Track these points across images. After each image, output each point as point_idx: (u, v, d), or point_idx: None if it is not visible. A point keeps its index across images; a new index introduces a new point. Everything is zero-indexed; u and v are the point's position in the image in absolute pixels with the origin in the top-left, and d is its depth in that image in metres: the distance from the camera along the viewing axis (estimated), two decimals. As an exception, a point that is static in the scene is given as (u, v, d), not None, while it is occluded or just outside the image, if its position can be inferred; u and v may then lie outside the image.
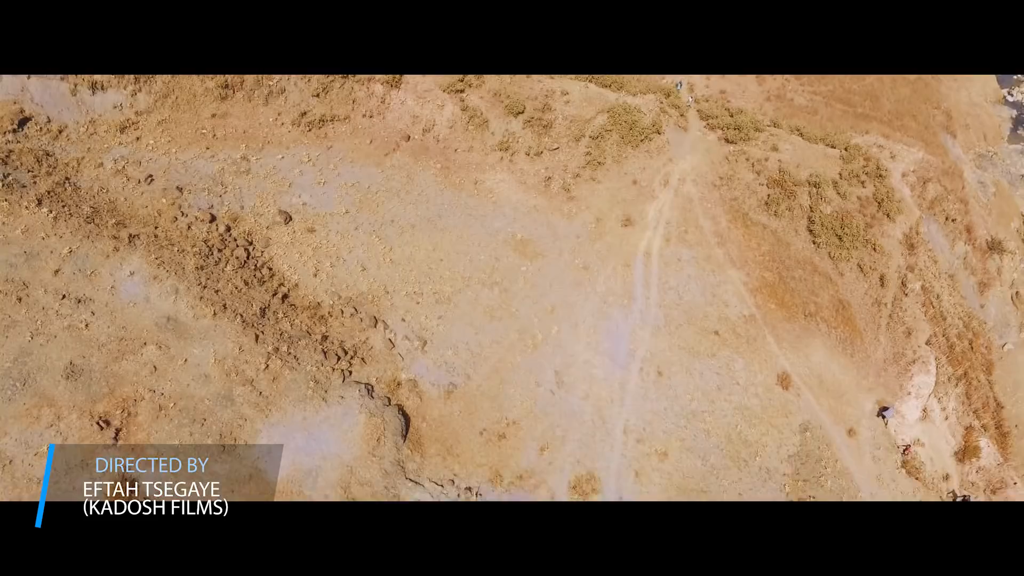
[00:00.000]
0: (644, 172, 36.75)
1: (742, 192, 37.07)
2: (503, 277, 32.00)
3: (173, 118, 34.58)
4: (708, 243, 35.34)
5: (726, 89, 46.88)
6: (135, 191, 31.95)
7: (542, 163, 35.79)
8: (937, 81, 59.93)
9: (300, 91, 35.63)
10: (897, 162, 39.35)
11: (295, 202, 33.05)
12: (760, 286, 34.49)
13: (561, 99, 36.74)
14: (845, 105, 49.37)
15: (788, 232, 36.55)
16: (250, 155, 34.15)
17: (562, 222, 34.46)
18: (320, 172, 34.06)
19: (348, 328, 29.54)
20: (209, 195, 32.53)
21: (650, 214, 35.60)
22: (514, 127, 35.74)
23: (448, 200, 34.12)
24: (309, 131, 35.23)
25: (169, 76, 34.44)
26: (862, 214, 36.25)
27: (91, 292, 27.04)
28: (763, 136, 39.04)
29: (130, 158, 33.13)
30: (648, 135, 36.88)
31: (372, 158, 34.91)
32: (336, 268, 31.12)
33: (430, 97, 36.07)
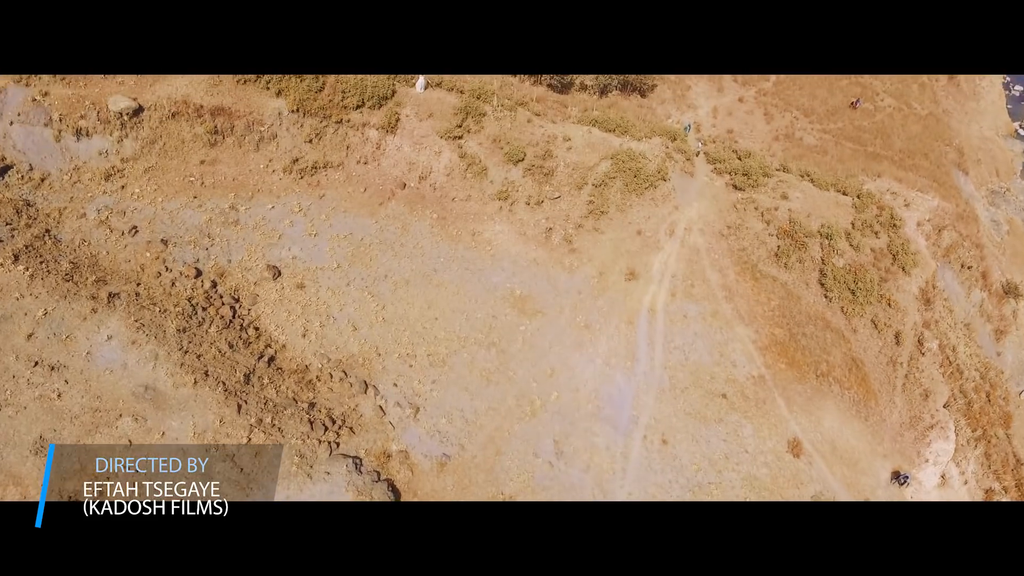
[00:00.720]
0: (649, 221, 35.35)
1: (751, 242, 35.62)
2: (501, 337, 30.56)
3: (160, 165, 33.34)
4: (715, 297, 33.88)
5: (733, 128, 45.52)
6: (118, 244, 30.66)
7: (543, 212, 34.41)
8: (947, 115, 58.57)
9: (292, 136, 34.38)
10: (912, 210, 37.91)
11: (285, 255, 31.70)
12: (770, 344, 32.99)
13: (563, 145, 35.41)
14: (855, 144, 47.91)
15: (799, 285, 35.08)
16: (239, 204, 32.85)
17: (563, 276, 33.03)
18: (311, 223, 32.73)
19: (337, 394, 28.09)
20: (195, 248, 31.21)
21: (655, 266, 34.16)
22: (514, 175, 34.39)
23: (444, 253, 32.74)
24: (301, 178, 33.93)
25: (157, 122, 33.25)
26: (876, 267, 34.78)
27: (65, 358, 25.69)
28: (772, 182, 37.62)
29: (114, 208, 31.86)
30: (653, 182, 35.48)
31: (366, 207, 33.57)
32: (326, 328, 29.71)
33: (427, 143, 34.77)
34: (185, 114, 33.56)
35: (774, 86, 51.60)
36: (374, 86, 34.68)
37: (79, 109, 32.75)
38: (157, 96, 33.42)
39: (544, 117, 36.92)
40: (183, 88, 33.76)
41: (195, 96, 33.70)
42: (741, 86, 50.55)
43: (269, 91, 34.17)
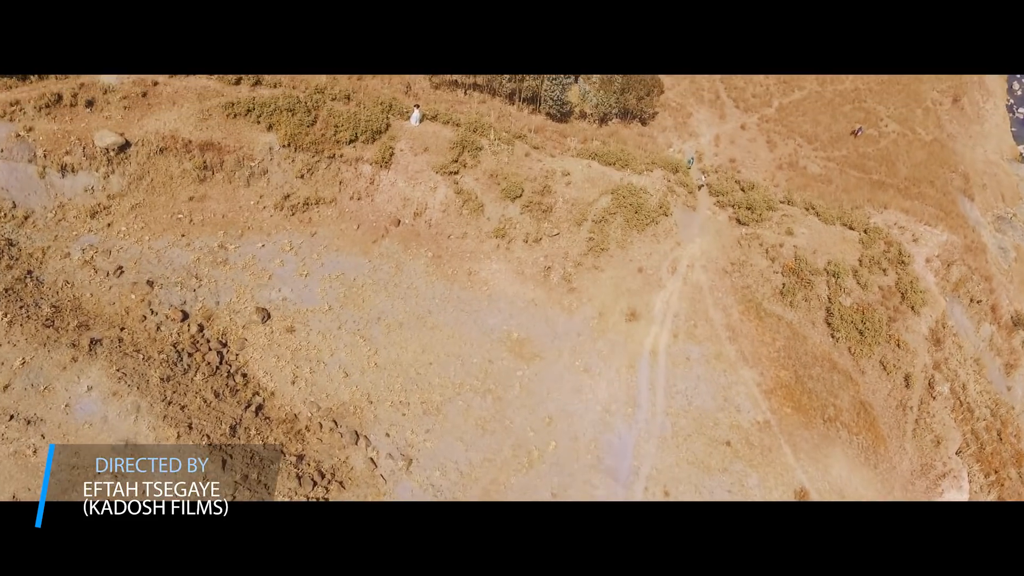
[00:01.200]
0: (650, 258, 34.38)
1: (755, 280, 34.65)
2: (497, 383, 29.52)
3: (148, 202, 32.39)
4: (719, 338, 32.85)
5: (736, 157, 44.68)
6: (102, 285, 29.64)
7: (541, 250, 33.44)
8: (952, 139, 57.82)
9: (283, 172, 33.47)
10: (920, 246, 36.95)
11: (275, 297, 30.70)
12: (775, 387, 31.94)
13: (562, 180, 34.49)
14: (860, 172, 47.10)
15: (805, 324, 34.07)
16: (228, 243, 31.88)
17: (562, 317, 32.03)
18: (303, 262, 31.75)
19: (327, 445, 27.01)
20: (182, 289, 30.20)
21: (657, 306, 33.16)
22: (511, 211, 33.44)
23: (439, 293, 31.75)
24: (292, 215, 32.99)
25: (145, 158, 32.36)
26: (884, 306, 33.78)
27: (43, 411, 24.64)
28: (776, 216, 36.70)
29: (100, 247, 30.86)
30: (655, 217, 34.54)
31: (359, 245, 32.61)
32: (316, 374, 28.66)
33: (422, 178, 33.86)
34: (173, 149, 32.68)
35: (776, 112, 50.87)
36: (367, 120, 33.82)
37: (64, 144, 31.86)
38: (145, 131, 32.55)
39: (542, 150, 36.04)
40: (171, 122, 32.89)
41: (184, 131, 32.83)
42: (743, 112, 49.81)
43: (260, 125, 33.30)
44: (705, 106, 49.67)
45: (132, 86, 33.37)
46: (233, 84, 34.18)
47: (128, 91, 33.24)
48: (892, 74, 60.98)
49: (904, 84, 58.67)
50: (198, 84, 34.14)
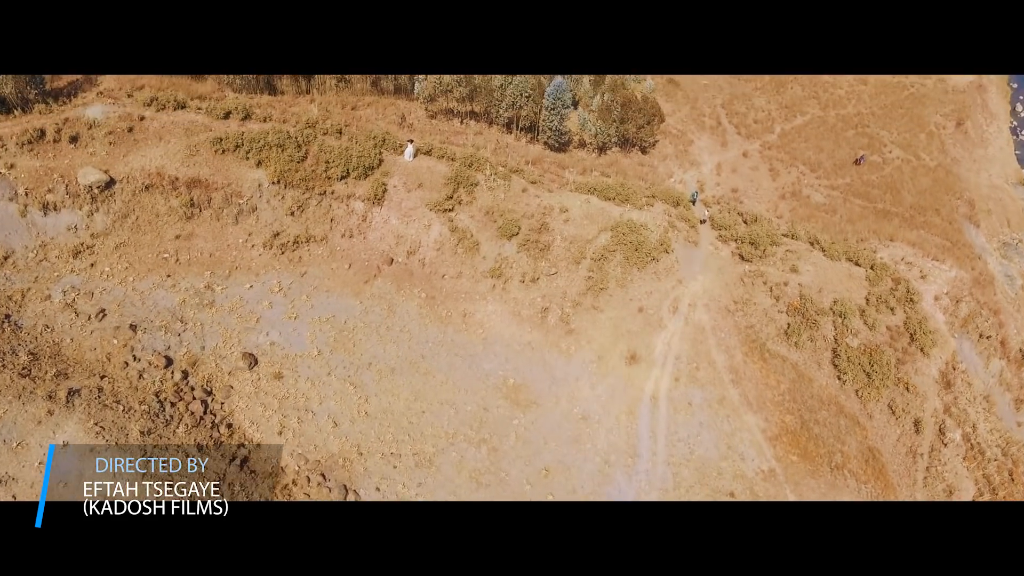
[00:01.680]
0: (651, 297, 33.34)
1: (759, 319, 33.60)
2: (492, 432, 28.42)
3: (133, 240, 31.43)
4: (722, 381, 31.77)
5: (738, 187, 43.71)
6: (84, 330, 28.60)
7: (538, 290, 32.41)
8: (956, 164, 56.86)
9: (273, 209, 32.50)
10: (929, 283, 35.93)
11: (262, 341, 29.63)
12: (780, 433, 30.84)
13: (560, 216, 33.51)
14: (864, 200, 46.11)
15: (810, 366, 33.00)
16: (215, 283, 30.86)
17: (560, 361, 30.95)
18: (292, 304, 30.72)
19: (314, 501, 25.83)
20: (166, 334, 29.15)
21: (658, 347, 32.10)
22: (508, 250, 32.45)
23: (433, 336, 30.69)
24: (282, 253, 32.00)
25: (130, 195, 31.46)
26: (893, 348, 32.72)
27: (15, 469, 23.61)
28: (780, 251, 35.68)
29: (82, 288, 29.87)
30: (655, 255, 33.52)
31: (350, 286, 31.58)
32: (304, 424, 27.57)
33: (416, 215, 32.88)
34: (160, 186, 31.77)
35: (779, 138, 49.98)
36: (360, 155, 32.89)
37: (47, 182, 30.96)
38: (130, 167, 31.64)
39: (540, 185, 35.08)
40: (158, 159, 31.97)
41: (170, 167, 31.91)
42: (745, 139, 48.92)
43: (249, 161, 32.37)
44: (706, 133, 48.78)
45: (118, 121, 32.49)
46: (221, 118, 33.28)
47: (114, 126, 32.36)
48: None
49: (907, 108, 57.85)
50: (185, 119, 33.24)
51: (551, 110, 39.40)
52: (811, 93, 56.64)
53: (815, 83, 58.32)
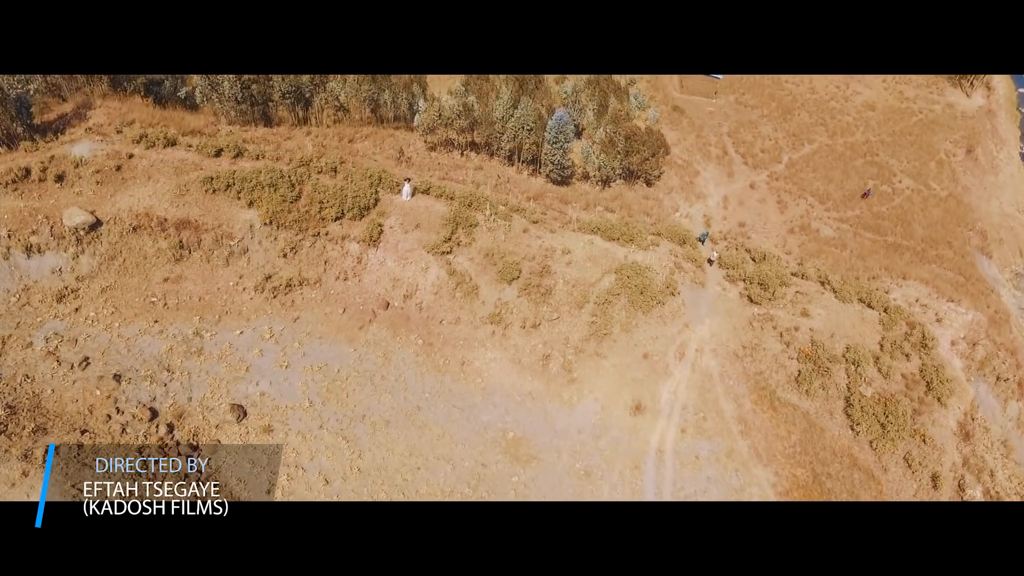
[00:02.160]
0: (657, 342, 32.11)
1: (769, 365, 32.34)
2: (490, 490, 27.12)
3: (119, 284, 30.28)
4: (730, 432, 30.47)
5: (746, 221, 42.56)
6: (65, 380, 27.40)
7: (539, 336, 31.19)
8: (967, 192, 55.77)
9: (265, 251, 31.37)
10: (944, 327, 34.68)
11: (252, 391, 28.41)
12: (791, 488, 29.50)
13: (562, 259, 32.35)
14: (875, 233, 44.96)
15: (822, 415, 31.70)
16: (204, 329, 29.68)
17: (561, 412, 29.69)
18: (283, 351, 29.51)
19: (302, 568, 24.49)
20: (152, 384, 27.94)
21: (663, 396, 30.84)
22: (508, 295, 31.26)
23: (430, 386, 29.46)
24: (274, 297, 30.83)
25: (117, 237, 30.34)
26: (908, 397, 31.45)
27: (-13, 538, 22.18)
28: (790, 293, 34.47)
29: (65, 335, 28.68)
30: (661, 298, 32.30)
31: (344, 332, 30.38)
32: (294, 482, 26.28)
33: (413, 257, 31.74)
34: (148, 227, 30.68)
35: (786, 169, 48.90)
36: (355, 195, 31.79)
37: (31, 223, 29.88)
38: (117, 208, 30.56)
39: (542, 224, 33.96)
40: (146, 199, 30.91)
41: (159, 207, 30.83)
42: (752, 169, 47.83)
43: (240, 201, 31.30)
44: (712, 163, 47.70)
45: (106, 159, 31.45)
46: (212, 156, 32.23)
47: (101, 164, 31.32)
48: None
49: (916, 135, 56.78)
50: (175, 156, 32.21)
51: (553, 143, 38.35)
52: (818, 120, 55.63)
53: (822, 109, 57.33)
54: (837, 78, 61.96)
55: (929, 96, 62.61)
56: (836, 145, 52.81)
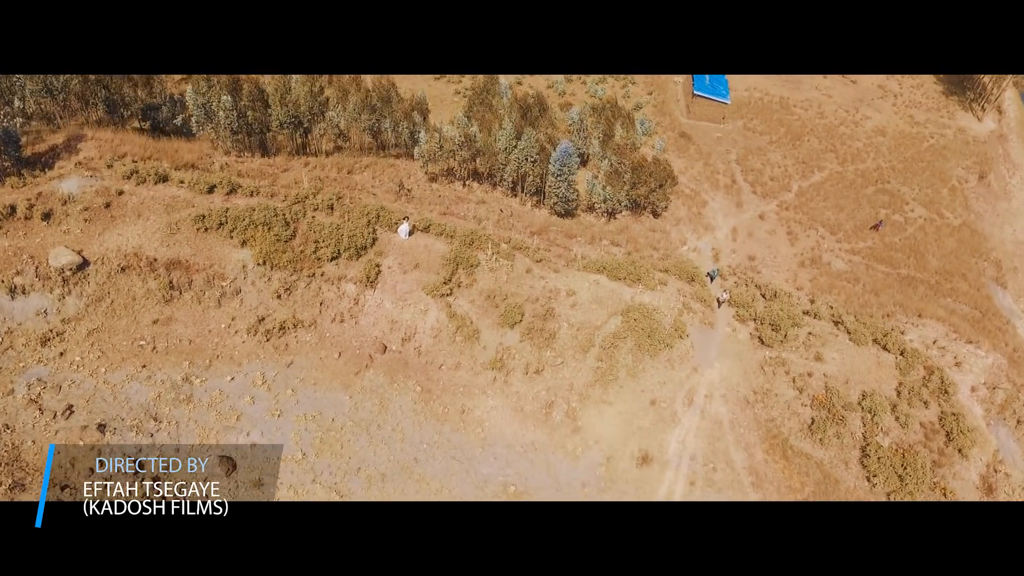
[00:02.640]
0: (664, 388, 30.85)
1: (781, 412, 31.05)
2: (491, 551, 25.71)
3: (107, 326, 29.15)
4: (741, 484, 29.15)
5: (755, 254, 41.33)
6: (48, 430, 26.24)
7: (543, 382, 29.96)
8: (980, 219, 54.52)
9: (258, 292, 30.25)
10: (964, 372, 33.36)
11: (242, 442, 27.21)
12: (807, 544, 28.00)
13: (566, 301, 31.16)
14: (887, 266, 43.69)
15: (837, 465, 30.37)
16: (194, 375, 28.53)
17: (565, 464, 28.42)
18: (276, 399, 28.34)
19: (291, 637, 23.19)
20: (138, 434, 26.75)
21: (671, 446, 29.55)
22: (510, 339, 30.07)
23: (428, 436, 28.23)
24: (267, 341, 29.67)
25: (104, 277, 29.28)
26: (927, 448, 30.09)
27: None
28: (803, 335, 33.19)
29: (49, 381, 27.55)
30: (669, 341, 31.05)
31: (339, 378, 29.20)
32: (284, 542, 24.92)
33: (411, 299, 30.59)
34: (137, 268, 29.62)
35: (796, 198, 47.73)
36: (352, 234, 30.69)
37: (15, 263, 28.83)
38: (105, 248, 29.50)
39: (546, 263, 32.78)
40: (135, 238, 29.85)
41: (149, 247, 29.77)
42: (761, 199, 46.68)
43: (233, 240, 30.24)
44: (720, 192, 46.55)
45: (95, 196, 30.43)
46: (205, 193, 31.16)
47: (90, 202, 30.30)
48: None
49: (928, 162, 55.60)
50: (167, 193, 31.17)
51: (557, 176, 37.25)
52: (828, 146, 54.51)
53: (832, 134, 56.23)
54: (847, 102, 60.92)
55: (940, 120, 61.48)
56: (846, 172, 51.65)
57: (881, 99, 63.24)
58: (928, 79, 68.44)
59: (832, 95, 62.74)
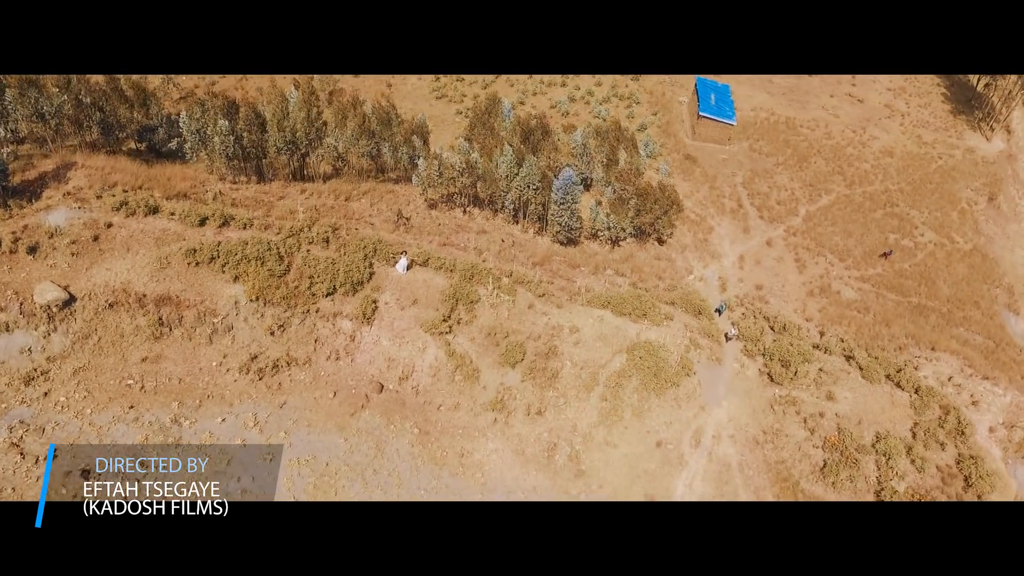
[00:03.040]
0: (671, 428, 29.78)
1: (791, 454, 29.94)
2: (491, 606, 24.56)
3: (94, 364, 28.12)
4: (752, 531, 27.89)
5: (763, 283, 40.29)
6: (27, 478, 25.21)
7: (545, 424, 28.90)
8: (990, 242, 53.50)
9: (251, 328, 29.22)
10: (981, 411, 32.25)
11: (232, 489, 25.88)
12: (820, 596, 26.81)
13: (570, 338, 30.12)
14: (898, 294, 42.65)
15: (851, 510, 29.11)
16: (183, 416, 27.48)
17: (568, 511, 27.20)
18: (268, 441, 27.26)
19: None
20: (123, 481, 25.51)
21: (678, 490, 28.47)
22: (511, 379, 29.02)
23: (425, 482, 27.15)
24: (260, 379, 28.65)
25: (92, 314, 28.26)
26: (945, 493, 28.93)
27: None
28: (813, 371, 32.11)
29: (32, 423, 26.52)
30: (675, 380, 29.98)
31: (334, 419, 28.14)
32: (274, 596, 23.78)
33: (409, 336, 29.56)
34: (125, 304, 28.61)
35: (803, 222, 46.72)
36: (348, 268, 29.67)
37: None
38: (92, 284, 28.52)
39: (548, 298, 31.73)
40: (124, 272, 28.86)
41: (137, 282, 28.78)
42: (768, 223, 45.70)
43: (225, 275, 29.25)
44: (727, 217, 45.56)
45: (82, 229, 29.47)
46: (196, 226, 30.18)
47: (77, 235, 29.34)
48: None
49: (936, 184, 54.65)
50: (157, 226, 30.21)
51: (560, 204, 36.27)
52: (835, 168, 53.55)
53: (839, 156, 55.30)
54: (853, 122, 60.01)
55: (948, 140, 60.56)
56: (854, 195, 50.68)
57: (888, 119, 62.35)
58: (936, 97, 67.60)
59: (839, 115, 61.86)
